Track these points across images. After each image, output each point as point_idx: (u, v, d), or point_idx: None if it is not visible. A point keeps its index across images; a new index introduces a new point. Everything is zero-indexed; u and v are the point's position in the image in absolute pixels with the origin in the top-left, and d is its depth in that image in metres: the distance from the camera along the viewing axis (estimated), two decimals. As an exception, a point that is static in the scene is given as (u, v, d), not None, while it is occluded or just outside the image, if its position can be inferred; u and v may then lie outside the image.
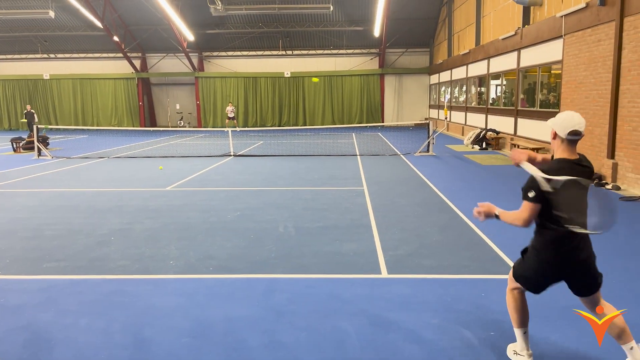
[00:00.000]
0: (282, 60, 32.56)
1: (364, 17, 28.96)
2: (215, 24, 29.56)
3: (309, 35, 31.07)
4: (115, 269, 5.66)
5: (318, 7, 26.57)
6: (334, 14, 28.79)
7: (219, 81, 32.21)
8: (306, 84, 31.96)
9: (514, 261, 3.80)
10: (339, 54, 32.20)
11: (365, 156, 16.06)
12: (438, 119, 28.11)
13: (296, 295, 4.84)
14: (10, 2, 27.60)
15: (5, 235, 7.07)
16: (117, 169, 13.93)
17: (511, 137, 16.89)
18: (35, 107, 32.92)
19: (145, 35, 30.79)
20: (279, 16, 28.98)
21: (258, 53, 32.58)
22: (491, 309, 4.47)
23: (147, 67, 33.13)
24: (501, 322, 4.21)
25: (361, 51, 32.23)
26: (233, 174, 12.63)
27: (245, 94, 32.23)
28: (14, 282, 5.29)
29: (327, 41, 31.42)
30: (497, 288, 4.95)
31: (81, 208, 8.81)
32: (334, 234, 6.97)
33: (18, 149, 18.82)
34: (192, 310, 4.54)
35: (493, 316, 4.33)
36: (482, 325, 4.18)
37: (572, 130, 3.07)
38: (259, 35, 30.90)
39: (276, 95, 32.15)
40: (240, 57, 32.73)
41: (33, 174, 13.11)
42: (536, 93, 15.40)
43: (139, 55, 32.54)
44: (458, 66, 24.33)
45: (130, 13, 28.97)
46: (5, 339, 4.03)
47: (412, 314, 4.39)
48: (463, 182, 11.24)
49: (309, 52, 32.40)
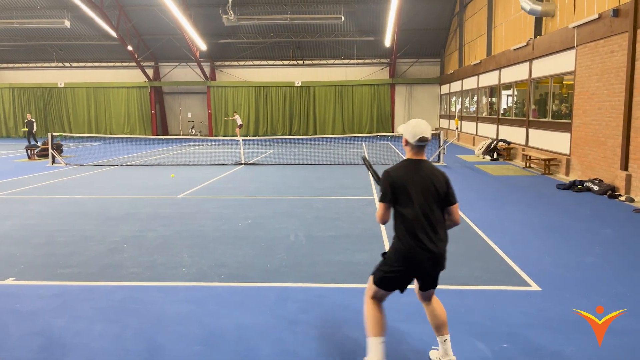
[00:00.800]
0: (293, 70, 32.76)
1: (375, 28, 29.09)
2: (227, 33, 29.85)
3: (320, 45, 31.25)
4: (128, 276, 5.70)
5: (329, 18, 26.75)
6: (345, 24, 28.95)
7: (230, 90, 32.45)
8: (317, 94, 32.10)
9: (526, 272, 3.78)
10: (350, 63, 32.33)
11: (376, 165, 15.96)
12: (449, 129, 28.06)
13: (308, 305, 4.84)
14: (27, 12, 28.09)
15: (19, 242, 7.15)
16: (130, 176, 14.06)
17: (522, 147, 16.81)
18: (50, 115, 33.40)
19: (159, 44, 31.16)
20: (290, 26, 29.21)
21: (269, 63, 32.81)
22: (504, 321, 4.44)
23: (159, 76, 33.49)
24: (515, 335, 4.17)
25: (372, 61, 32.34)
26: (244, 183, 12.68)
27: (256, 103, 32.43)
28: (28, 288, 5.35)
29: (338, 51, 31.58)
30: (510, 300, 4.92)
31: (94, 215, 8.89)
32: (345, 243, 6.97)
33: (32, 156, 19.06)
34: (203, 317, 4.55)
35: (507, 328, 4.30)
36: (496, 337, 4.15)
37: (420, 137, 3.40)
38: (271, 45, 31.14)
39: (287, 104, 32.31)
40: (252, 67, 32.99)
41: (47, 180, 13.26)
42: (548, 104, 15.33)
43: (152, 64, 32.92)
44: (469, 76, 24.31)
45: (144, 23, 29.36)
46: (20, 344, 4.07)
47: (424, 325, 4.35)
48: (474, 192, 11.19)
49: (319, 62, 32.58)
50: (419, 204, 3.37)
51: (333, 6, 27.10)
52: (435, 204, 3.42)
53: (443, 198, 3.45)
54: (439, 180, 3.44)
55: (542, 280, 5.44)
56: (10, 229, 7.87)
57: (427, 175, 3.42)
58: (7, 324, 4.46)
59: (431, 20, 28.50)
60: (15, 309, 4.77)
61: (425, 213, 3.38)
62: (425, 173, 3.43)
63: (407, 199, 3.38)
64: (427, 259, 3.40)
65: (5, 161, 18.51)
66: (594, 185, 11.01)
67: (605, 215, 8.85)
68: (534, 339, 4.11)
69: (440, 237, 3.46)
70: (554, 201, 10.10)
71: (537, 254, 6.42)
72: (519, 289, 5.20)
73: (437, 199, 3.42)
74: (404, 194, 3.38)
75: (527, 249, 6.68)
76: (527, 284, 5.34)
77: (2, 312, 4.71)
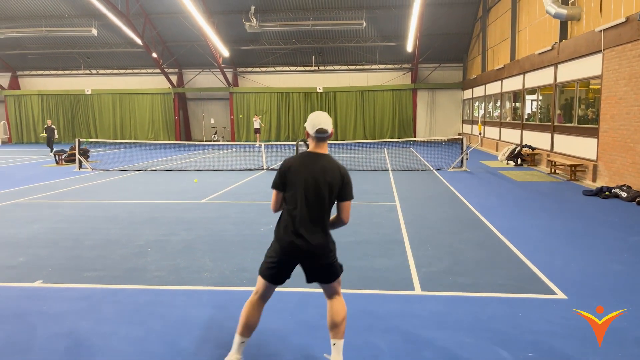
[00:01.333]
0: (314, 76, 32.90)
1: (397, 33, 29.04)
2: (249, 40, 30.16)
3: (341, 50, 31.32)
4: (152, 279, 5.78)
5: (351, 23, 26.81)
6: (367, 30, 28.97)
7: (252, 96, 32.75)
8: (338, 99, 32.16)
9: (551, 280, 3.72)
10: (371, 69, 32.31)
11: (397, 171, 15.98)
12: (471, 134, 27.77)
13: (329, 310, 4.83)
14: (56, 21, 28.86)
15: (47, 245, 7.32)
16: (154, 181, 14.28)
17: (547, 153, 16.54)
18: (77, 121, 34.18)
19: (182, 51, 31.64)
20: (312, 32, 29.36)
21: (291, 68, 33.02)
22: (529, 329, 4.36)
23: (183, 83, 33.99)
24: (540, 343, 4.10)
25: (393, 66, 32.27)
26: (266, 187, 12.75)
27: (278, 108, 32.66)
28: (56, 290, 5.47)
29: (360, 56, 31.60)
30: (535, 308, 4.83)
31: (119, 219, 9.05)
32: (366, 248, 6.95)
33: (60, 162, 19.51)
34: (226, 322, 4.59)
35: (531, 337, 4.23)
36: (520, 345, 4.08)
37: (318, 128, 3.43)
38: (292, 51, 31.34)
39: (308, 110, 32.42)
40: (274, 73, 33.24)
41: (74, 185, 13.56)
42: (574, 108, 15.07)
43: (175, 70, 33.45)
44: (492, 81, 24.05)
45: (169, 30, 29.87)
46: (47, 346, 4.17)
47: (446, 332, 4.32)
48: (498, 198, 11.05)
49: (341, 68, 32.65)
50: (301, 196, 3.40)
51: (355, 12, 27.16)
52: (321, 198, 3.39)
53: (336, 193, 3.43)
54: (333, 174, 3.42)
55: (568, 288, 5.33)
56: (39, 233, 8.07)
57: (320, 169, 3.42)
58: (35, 325, 4.57)
59: (453, 24, 28.31)
60: (43, 311, 4.89)
61: (306, 205, 3.40)
62: (318, 166, 3.42)
63: (293, 189, 3.43)
64: (300, 251, 3.42)
65: (34, 166, 18.99)
66: (621, 192, 10.76)
67: (634, 222, 8.64)
68: (559, 348, 4.03)
69: (317, 230, 3.42)
70: (580, 208, 9.91)
71: (562, 262, 6.30)
72: (544, 297, 5.11)
73: (327, 194, 3.39)
74: (292, 184, 3.43)
75: (552, 256, 6.56)
76: (553, 292, 5.24)
77: (31, 313, 4.83)
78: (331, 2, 26.86)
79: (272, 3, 27.03)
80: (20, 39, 30.79)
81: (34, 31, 28.55)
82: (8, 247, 7.19)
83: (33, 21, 28.82)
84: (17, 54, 32.80)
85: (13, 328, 4.51)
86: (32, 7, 28.16)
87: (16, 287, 5.58)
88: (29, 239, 7.68)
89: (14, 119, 34.44)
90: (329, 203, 3.45)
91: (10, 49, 32.05)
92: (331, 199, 3.44)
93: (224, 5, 27.13)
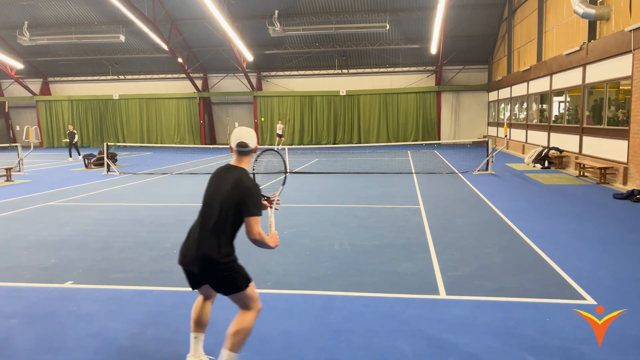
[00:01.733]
0: (337, 79, 32.94)
1: (421, 35, 28.87)
2: (273, 44, 30.38)
3: (365, 53, 31.29)
4: (178, 281, 5.87)
5: (375, 27, 26.75)
6: (390, 33, 28.88)
7: (276, 100, 32.97)
8: (361, 102, 32.12)
9: (580, 285, 3.66)
10: (395, 71, 32.18)
11: (422, 174, 15.87)
12: (497, 136, 27.40)
13: (353, 314, 4.84)
14: (85, 28, 29.60)
15: (78, 247, 7.51)
16: (179, 184, 14.49)
17: (576, 155, 16.20)
18: (105, 125, 34.94)
19: (207, 56, 32.07)
20: (335, 36, 29.42)
21: (314, 72, 33.13)
22: (557, 335, 4.28)
23: (208, 87, 34.43)
24: (569, 350, 4.02)
25: (417, 69, 32.08)
26: (289, 191, 12.81)
27: (301, 112, 32.79)
28: (85, 291, 5.60)
29: (383, 59, 31.51)
30: (563, 313, 4.74)
31: (146, 222, 9.22)
32: (390, 252, 6.92)
33: (89, 165, 19.98)
34: (251, 324, 4.62)
35: (560, 343, 4.15)
36: (549, 352, 4.01)
37: (238, 142, 3.62)
38: (316, 54, 31.45)
39: (331, 113, 32.49)
40: (297, 77, 33.40)
41: (102, 188, 13.86)
42: (603, 110, 14.73)
43: (200, 75, 33.91)
44: (518, 83, 23.69)
45: (194, 35, 30.31)
46: (78, 346, 4.27)
47: (472, 337, 4.28)
48: (524, 201, 10.87)
49: (364, 71, 32.61)
50: (205, 205, 3.55)
51: (378, 15, 27.11)
52: (218, 210, 3.45)
53: (235, 207, 3.44)
54: (237, 188, 3.45)
55: (597, 293, 5.22)
56: (70, 235, 8.27)
57: (225, 181, 3.51)
58: (66, 325, 4.69)
59: (478, 26, 28.01)
60: (73, 311, 5.01)
61: (206, 214, 3.50)
62: (227, 178, 3.53)
63: (204, 197, 3.60)
64: (192, 259, 3.48)
65: (65, 170, 19.48)
66: (654, 195, 10.47)
67: (667, 226, 8.39)
68: (589, 355, 3.94)
69: (208, 241, 3.44)
70: (610, 212, 9.67)
71: (592, 267, 6.17)
72: (573, 302, 5.01)
73: (224, 205, 3.44)
74: (205, 193, 3.62)
75: (581, 261, 6.43)
76: (582, 297, 5.14)
77: (62, 314, 4.95)
78: (354, 5, 26.88)
79: (295, 7, 27.20)
80: (51, 46, 31.67)
81: (65, 38, 29.36)
82: (41, 249, 7.40)
83: (63, 28, 29.62)
84: (48, 61, 33.73)
85: (45, 328, 4.64)
86: (62, 15, 28.94)
87: (48, 287, 5.74)
88: (61, 240, 7.88)
89: (45, 124, 35.38)
90: (226, 216, 3.44)
91: (42, 55, 32.98)
92: (229, 211, 3.44)
93: (248, 10, 27.42)
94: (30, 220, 9.59)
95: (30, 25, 29.05)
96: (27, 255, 7.06)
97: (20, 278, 6.10)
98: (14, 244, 7.70)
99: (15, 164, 17.98)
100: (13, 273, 6.30)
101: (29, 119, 36.10)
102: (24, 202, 11.64)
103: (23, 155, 18.52)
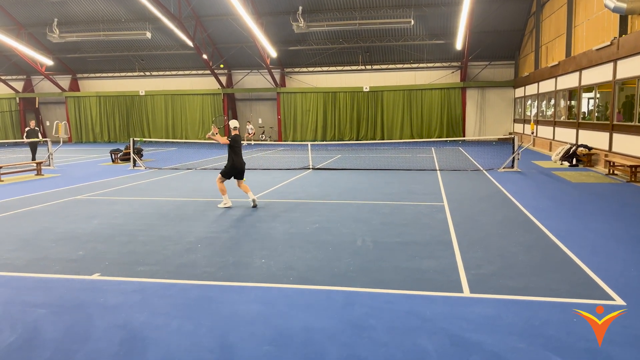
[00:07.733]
0: (361, 75, 32.80)
1: (446, 31, 28.51)
2: (297, 40, 30.40)
3: (389, 49, 31.07)
4: (202, 275, 5.94)
5: (399, 22, 26.54)
6: (415, 28, 28.60)
7: (299, 96, 33.01)
8: (385, 98, 31.93)
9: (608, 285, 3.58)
10: (419, 67, 31.86)
11: (446, 171, 15.70)
12: (523, 133, 26.92)
13: (375, 310, 4.82)
14: (113, 25, 30.10)
15: (105, 240, 7.66)
16: (204, 179, 14.64)
17: (605, 153, 15.81)
18: (132, 121, 35.53)
19: (232, 52, 32.28)
20: (359, 32, 29.27)
21: (338, 68, 33.05)
22: (584, 337, 4.19)
23: (232, 83, 34.68)
24: (596, 351, 3.93)
25: (442, 64, 31.71)
26: (312, 187, 12.84)
27: (324, 108, 32.75)
28: (112, 283, 5.72)
29: (407, 55, 31.24)
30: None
31: (170, 216, 9.35)
32: (413, 249, 6.87)
33: (116, 160, 20.35)
34: (273, 318, 4.66)
35: (587, 344, 4.06)
36: (575, 353, 3.92)
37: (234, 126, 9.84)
38: (339, 50, 31.35)
39: (354, 109, 32.37)
40: (321, 73, 33.37)
41: (129, 183, 14.10)
42: (635, 106, 14.32)
43: (225, 71, 34.15)
44: (546, 79, 23.21)
45: (219, 32, 30.55)
46: (104, 336, 4.36)
47: (496, 336, 4.22)
48: (551, 200, 10.65)
49: (388, 67, 32.38)
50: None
51: (403, 10, 26.87)
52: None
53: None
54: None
55: (627, 294, 5.09)
56: (98, 228, 8.45)
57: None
58: (92, 316, 4.79)
59: (505, 21, 27.51)
60: (100, 303, 5.12)
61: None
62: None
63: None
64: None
65: (93, 164, 19.89)
66: (687, 195, 10.15)
67: (701, 227, 8.12)
68: (617, 356, 3.85)
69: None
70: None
71: (621, 267, 6.01)
72: (601, 303, 4.89)
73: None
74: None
75: (610, 261, 6.27)
76: (610, 298, 5.01)
77: (89, 305, 5.06)
78: (379, 1, 26.69)
79: (319, 3, 27.16)
80: (80, 43, 32.32)
81: (93, 35, 29.93)
82: (70, 241, 7.57)
83: (92, 25, 30.17)
84: (77, 57, 34.42)
85: (72, 318, 4.75)
86: (91, 12, 29.48)
87: (76, 279, 5.87)
88: (88, 233, 8.05)
89: (74, 120, 36.16)
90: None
91: (71, 52, 33.68)
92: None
93: (272, 6, 27.48)
94: (59, 213, 9.82)
95: (59, 22, 29.68)
96: (56, 248, 7.24)
97: (49, 270, 6.25)
98: (43, 237, 7.90)
99: (45, 159, 18.43)
100: (42, 265, 6.46)
101: (59, 114, 36.96)
102: (53, 196, 11.92)
103: (53, 150, 18.97)
